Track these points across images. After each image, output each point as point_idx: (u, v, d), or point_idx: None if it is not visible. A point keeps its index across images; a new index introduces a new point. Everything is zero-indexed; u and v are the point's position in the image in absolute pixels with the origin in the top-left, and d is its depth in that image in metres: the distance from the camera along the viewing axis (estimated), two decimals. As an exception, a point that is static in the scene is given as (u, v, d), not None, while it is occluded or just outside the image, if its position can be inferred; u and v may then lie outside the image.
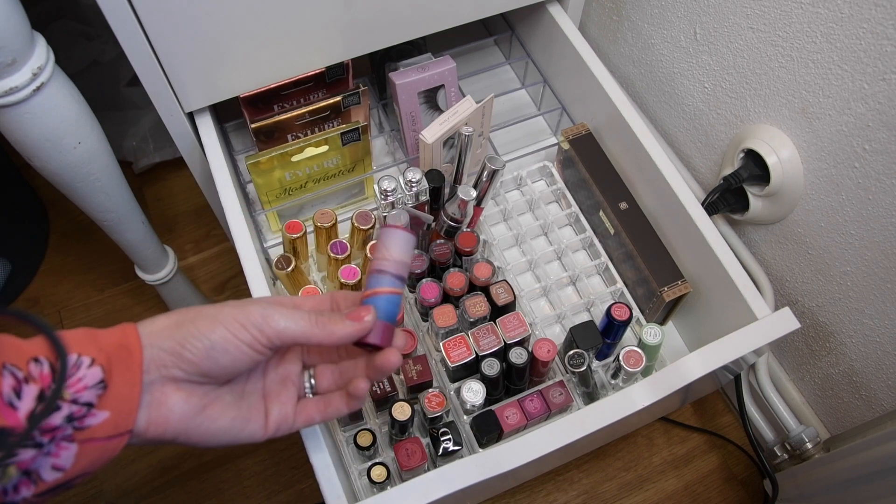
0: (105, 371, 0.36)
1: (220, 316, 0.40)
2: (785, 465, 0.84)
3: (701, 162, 0.83)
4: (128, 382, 0.37)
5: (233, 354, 0.40)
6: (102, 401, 0.36)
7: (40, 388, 0.33)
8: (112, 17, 0.56)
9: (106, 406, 0.36)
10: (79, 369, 0.35)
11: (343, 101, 0.72)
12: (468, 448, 0.62)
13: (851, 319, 0.71)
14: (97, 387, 0.35)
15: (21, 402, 0.33)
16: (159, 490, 0.92)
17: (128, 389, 0.37)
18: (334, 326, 0.42)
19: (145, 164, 1.15)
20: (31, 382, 0.33)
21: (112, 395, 0.36)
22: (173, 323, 0.40)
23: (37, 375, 0.34)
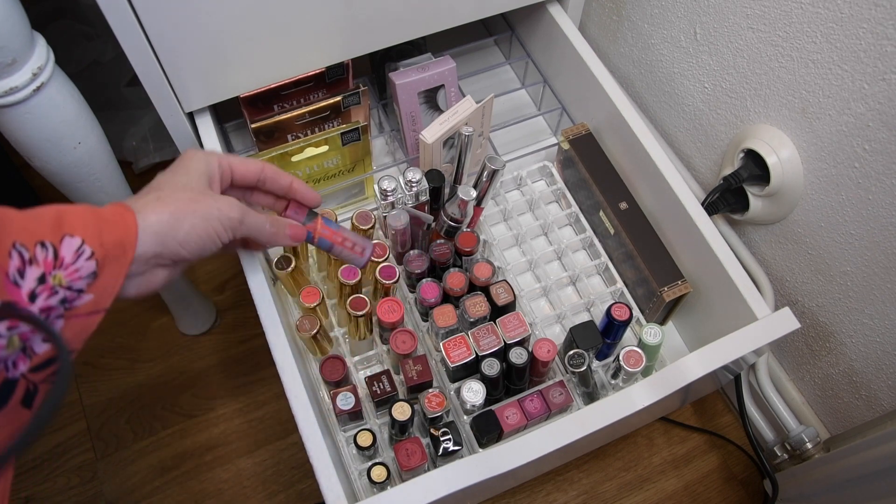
0: (99, 265, 0.40)
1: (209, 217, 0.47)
2: (785, 465, 0.84)
3: (701, 162, 0.83)
4: (115, 275, 0.42)
5: (208, 248, 0.49)
6: (90, 287, 0.40)
7: (42, 272, 0.37)
8: (112, 17, 0.56)
9: (92, 290, 0.41)
10: (78, 258, 0.39)
11: (343, 101, 0.72)
12: (468, 448, 0.62)
13: (851, 319, 0.71)
14: (89, 276, 0.40)
15: (24, 281, 0.36)
16: (159, 490, 0.92)
17: (113, 280, 0.42)
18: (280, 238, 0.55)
19: (145, 164, 1.15)
20: (34, 265, 0.37)
21: (99, 283, 0.41)
22: (168, 223, 0.45)
23: (41, 259, 0.37)
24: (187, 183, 0.49)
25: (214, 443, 0.95)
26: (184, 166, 0.50)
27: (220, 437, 0.95)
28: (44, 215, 0.39)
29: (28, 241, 0.37)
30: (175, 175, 0.49)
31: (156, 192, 0.47)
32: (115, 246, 0.41)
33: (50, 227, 0.38)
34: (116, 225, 0.42)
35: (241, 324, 1.04)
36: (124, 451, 0.94)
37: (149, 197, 0.46)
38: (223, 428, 0.96)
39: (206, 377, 1.00)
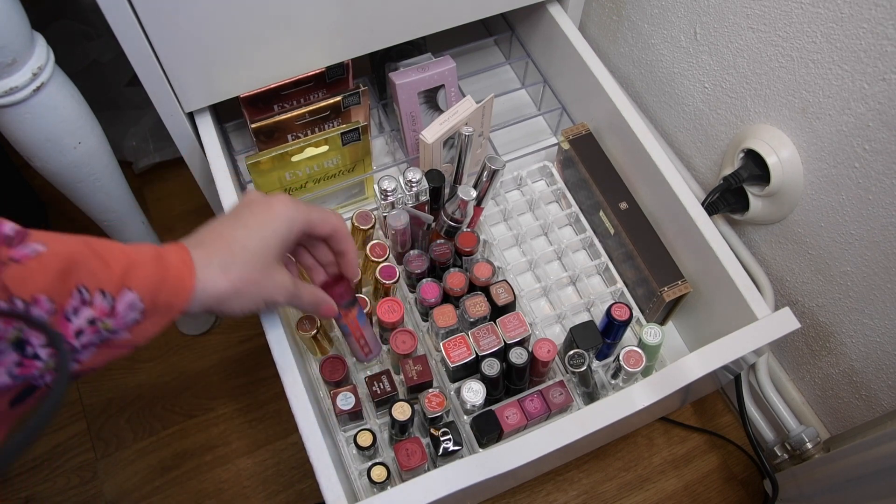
0: (145, 316, 0.42)
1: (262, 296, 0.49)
2: (785, 465, 0.84)
3: (701, 162, 0.83)
4: (156, 325, 0.43)
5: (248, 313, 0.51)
6: (130, 329, 0.42)
7: (95, 316, 0.39)
8: (112, 17, 0.56)
9: (131, 332, 0.42)
10: (130, 310, 0.41)
11: (343, 101, 0.72)
12: (468, 448, 0.62)
13: (851, 319, 0.71)
14: (133, 322, 0.42)
15: (76, 318, 0.38)
16: (159, 490, 0.92)
17: (153, 328, 0.43)
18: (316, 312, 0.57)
19: (145, 164, 1.15)
20: (89, 307, 0.39)
21: (139, 328, 0.42)
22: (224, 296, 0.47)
23: (97, 305, 0.39)
24: (261, 250, 0.48)
25: (214, 443, 0.95)
26: (267, 222, 0.49)
27: (220, 437, 0.95)
28: (115, 262, 0.40)
29: (92, 286, 0.39)
30: (252, 232, 0.48)
31: (226, 253, 0.47)
32: (166, 306, 0.43)
33: (117, 278, 0.40)
34: (175, 289, 0.44)
35: (241, 324, 1.04)
36: (124, 451, 0.94)
37: (216, 260, 0.46)
38: (223, 428, 0.96)
39: (206, 377, 1.00)
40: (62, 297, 0.38)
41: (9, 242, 0.35)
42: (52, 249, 0.37)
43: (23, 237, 0.36)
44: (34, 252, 0.36)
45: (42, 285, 0.36)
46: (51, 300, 0.37)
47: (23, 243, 0.36)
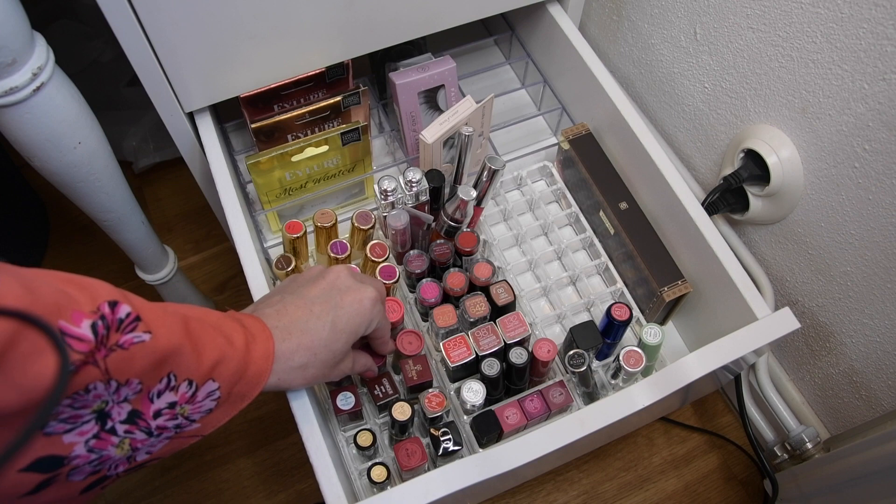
0: (218, 405, 0.43)
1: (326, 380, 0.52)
2: (785, 465, 0.84)
3: (701, 162, 0.83)
4: (226, 413, 0.45)
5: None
6: (202, 419, 0.43)
7: (175, 401, 0.40)
8: (112, 17, 0.56)
9: (201, 421, 0.43)
10: (207, 398, 0.42)
11: (343, 101, 0.72)
12: (468, 448, 0.62)
13: (851, 319, 0.71)
14: (207, 412, 0.43)
15: (158, 400, 0.39)
16: (159, 490, 0.92)
17: (223, 417, 0.44)
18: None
19: (145, 164, 1.15)
20: (173, 392, 0.40)
21: (210, 417, 0.44)
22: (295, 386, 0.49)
23: (181, 392, 0.40)
24: (341, 350, 0.50)
25: (214, 443, 0.95)
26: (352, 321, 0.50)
27: (220, 437, 0.95)
28: (209, 356, 0.41)
29: (182, 375, 0.40)
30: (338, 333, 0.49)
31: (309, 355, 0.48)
32: (239, 396, 0.45)
33: (206, 370, 0.41)
34: (251, 384, 0.45)
35: (241, 324, 1.04)
36: (124, 451, 0.94)
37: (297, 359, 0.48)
38: (223, 428, 0.96)
39: (206, 377, 1.00)
40: (152, 381, 0.39)
41: (120, 327, 0.35)
42: (156, 338, 0.37)
43: (133, 323, 0.36)
44: (139, 340, 0.36)
45: (138, 371, 0.37)
46: (140, 382, 0.38)
47: (133, 331, 0.36)
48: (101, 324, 0.34)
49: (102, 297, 0.35)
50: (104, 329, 0.34)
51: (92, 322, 0.34)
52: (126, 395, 0.37)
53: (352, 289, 0.50)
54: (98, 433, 0.37)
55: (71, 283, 0.35)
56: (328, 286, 0.50)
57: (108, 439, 0.37)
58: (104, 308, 0.34)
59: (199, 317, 0.43)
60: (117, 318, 0.35)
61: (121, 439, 0.38)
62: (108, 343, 0.35)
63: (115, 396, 0.37)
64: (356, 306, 0.50)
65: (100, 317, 0.34)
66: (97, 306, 0.34)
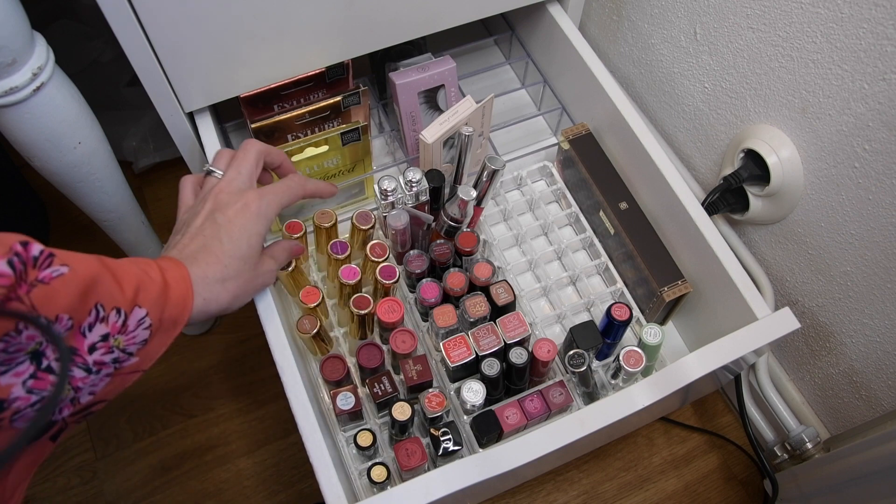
0: (151, 334, 0.45)
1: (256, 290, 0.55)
2: (785, 465, 0.84)
3: (701, 162, 0.83)
4: (161, 344, 0.46)
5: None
6: (139, 351, 0.45)
7: (108, 332, 0.42)
8: (112, 17, 0.56)
9: (138, 354, 0.45)
10: (138, 327, 0.44)
11: (343, 101, 0.72)
12: (468, 448, 0.62)
13: (851, 319, 0.71)
14: (141, 343, 0.44)
15: (90, 334, 0.41)
16: (159, 490, 0.92)
17: (158, 347, 0.46)
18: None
19: (145, 164, 1.15)
20: (103, 323, 0.41)
21: (146, 349, 0.45)
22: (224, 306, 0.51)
23: (111, 322, 0.42)
24: (249, 254, 0.52)
25: (214, 443, 0.95)
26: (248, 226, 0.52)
27: (220, 437, 0.95)
28: (128, 281, 0.43)
29: (108, 304, 0.41)
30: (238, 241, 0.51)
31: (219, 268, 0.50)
32: (170, 322, 0.46)
33: (129, 297, 0.43)
34: (177, 307, 0.46)
35: (241, 324, 1.04)
36: (124, 451, 0.94)
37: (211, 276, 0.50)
38: (223, 428, 0.96)
39: (206, 377, 1.00)
40: (81, 314, 0.40)
41: (36, 264, 0.36)
42: (74, 270, 0.38)
43: (48, 259, 0.37)
44: (58, 273, 0.37)
45: (65, 304, 0.38)
46: (70, 318, 0.39)
47: (49, 265, 0.37)
48: (17, 259, 0.35)
49: (13, 239, 0.36)
50: (20, 265, 0.35)
51: (7, 259, 0.35)
52: (58, 333, 0.38)
53: (231, 202, 0.53)
54: (35, 373, 0.38)
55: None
56: (210, 211, 0.53)
57: (45, 378, 0.38)
58: (17, 247, 0.36)
59: (111, 259, 0.44)
60: (31, 256, 0.36)
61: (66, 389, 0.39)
62: (28, 278, 0.36)
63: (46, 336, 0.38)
64: (243, 213, 0.52)
65: (14, 254, 0.35)
66: (9, 247, 0.35)
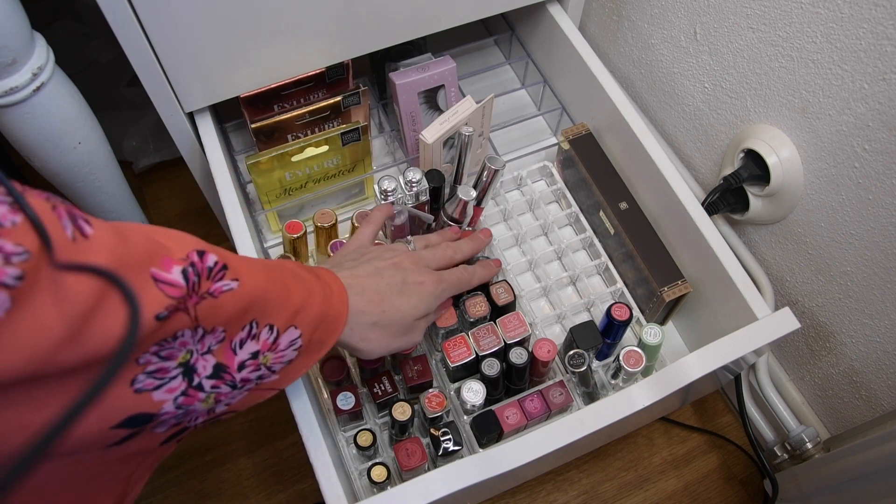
0: (299, 353, 0.44)
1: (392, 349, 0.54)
2: (785, 465, 0.84)
3: (701, 162, 0.83)
4: (303, 365, 0.45)
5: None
6: (282, 370, 0.44)
7: (258, 350, 0.41)
8: (112, 17, 0.56)
9: (280, 372, 0.44)
10: (289, 347, 0.43)
11: (343, 101, 0.72)
12: (468, 448, 0.62)
13: (851, 319, 0.71)
14: (287, 362, 0.43)
15: (241, 351, 0.40)
16: (159, 490, 0.92)
17: (300, 369, 0.45)
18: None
19: (145, 164, 1.15)
20: (255, 340, 0.40)
21: (289, 368, 0.44)
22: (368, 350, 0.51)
23: (262, 339, 0.41)
24: (409, 318, 0.53)
25: (214, 443, 0.95)
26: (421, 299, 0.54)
27: (220, 437, 0.95)
28: (293, 300, 0.42)
29: (263, 321, 0.40)
30: (406, 302, 0.53)
31: (379, 314, 0.51)
32: (318, 343, 0.46)
33: (288, 315, 0.42)
34: (328, 330, 0.46)
35: (241, 324, 1.04)
36: (124, 451, 0.94)
37: (368, 316, 0.50)
38: (223, 428, 0.96)
39: (206, 377, 1.00)
40: (235, 328, 0.39)
41: (210, 275, 0.36)
42: (243, 286, 0.38)
43: (222, 272, 0.36)
44: (228, 288, 0.37)
45: (225, 318, 0.37)
46: (224, 330, 0.38)
47: (222, 279, 0.36)
48: (192, 271, 0.34)
49: (191, 246, 0.35)
50: (195, 276, 0.34)
51: (182, 269, 0.34)
52: (209, 344, 0.38)
53: (415, 272, 0.55)
54: (186, 390, 0.37)
55: (159, 233, 0.35)
56: (395, 265, 0.54)
57: (195, 395, 0.38)
58: (193, 256, 0.35)
59: (278, 265, 0.43)
60: (206, 266, 0.35)
61: (207, 394, 0.39)
62: (200, 291, 0.35)
63: (199, 346, 0.37)
64: (419, 288, 0.54)
65: (190, 264, 0.34)
66: (186, 254, 0.34)
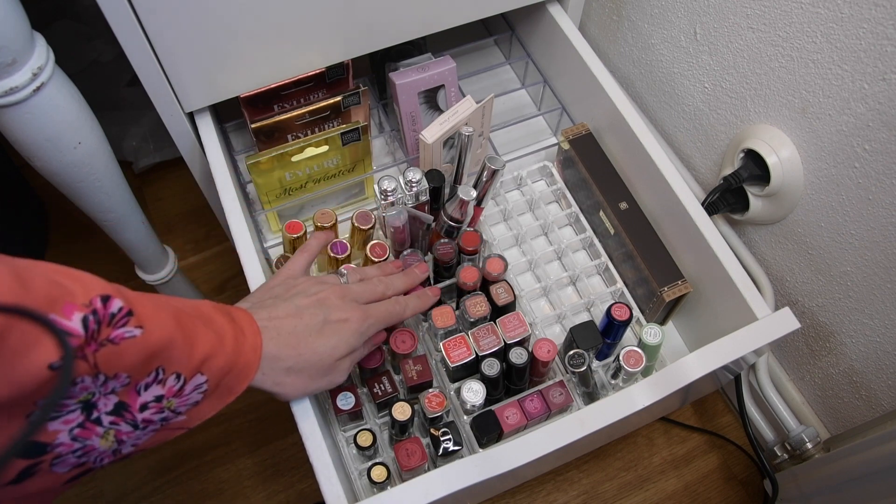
0: (206, 395, 0.43)
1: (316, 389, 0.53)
2: (785, 465, 0.84)
3: (701, 162, 0.83)
4: (212, 407, 0.45)
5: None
6: (188, 412, 0.43)
7: (162, 394, 0.40)
8: (112, 17, 0.56)
9: (187, 413, 0.43)
10: (195, 391, 0.42)
11: (343, 101, 0.72)
12: (468, 448, 0.62)
13: (851, 319, 0.71)
14: (193, 404, 0.43)
15: (145, 393, 0.39)
16: (159, 490, 0.92)
17: (209, 410, 0.45)
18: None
19: (145, 164, 1.15)
20: (160, 385, 0.40)
21: (196, 410, 0.44)
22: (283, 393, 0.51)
23: (168, 385, 0.40)
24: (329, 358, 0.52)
25: (214, 443, 0.95)
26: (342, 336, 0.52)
27: (220, 437, 0.95)
28: (199, 349, 0.41)
29: (170, 368, 0.40)
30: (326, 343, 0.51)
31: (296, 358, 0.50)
32: (226, 389, 0.45)
33: (195, 364, 0.41)
34: (238, 377, 0.45)
35: (241, 324, 1.04)
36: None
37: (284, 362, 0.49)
38: (223, 428, 0.96)
39: (206, 377, 1.00)
40: (140, 375, 0.39)
41: (112, 322, 0.35)
42: (147, 333, 0.37)
43: (125, 318, 0.36)
44: (130, 335, 0.36)
45: (127, 365, 0.37)
46: (129, 376, 0.38)
47: (124, 325, 0.36)
48: (93, 318, 0.34)
49: (96, 291, 0.35)
50: (95, 324, 0.34)
51: (83, 315, 0.33)
52: (113, 387, 0.37)
53: (339, 308, 0.53)
54: (83, 423, 0.37)
55: (63, 275, 0.34)
56: (319, 301, 0.53)
57: (92, 429, 0.37)
58: (96, 302, 0.34)
59: (189, 311, 0.42)
60: (109, 313, 0.35)
61: (105, 430, 0.38)
62: (99, 338, 0.34)
63: (102, 389, 0.37)
64: (343, 326, 0.53)
65: (91, 311, 0.34)
66: (90, 300, 0.34)
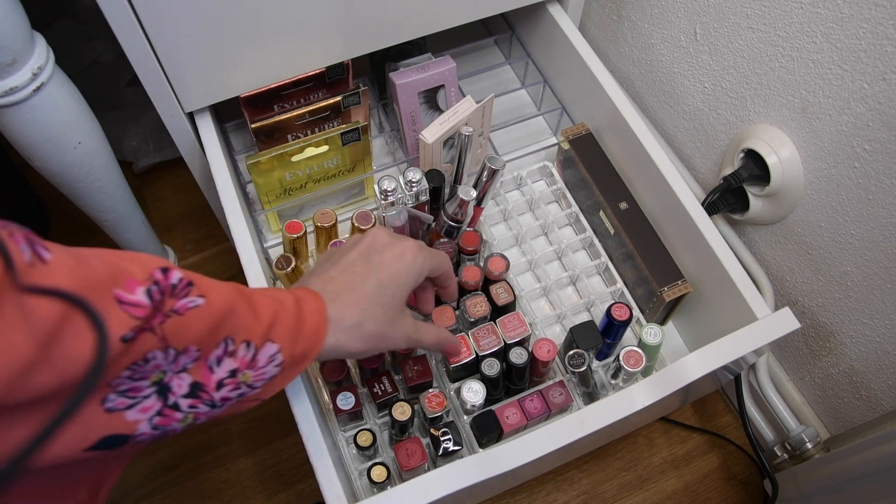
0: (282, 368, 0.43)
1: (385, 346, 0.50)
2: (785, 465, 0.84)
3: (701, 162, 0.83)
4: (286, 378, 0.45)
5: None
6: (264, 385, 0.43)
7: (236, 367, 0.40)
8: (112, 17, 0.56)
9: (263, 388, 0.43)
10: (269, 363, 0.42)
11: (343, 101, 0.72)
12: (468, 448, 0.62)
13: (851, 319, 0.71)
14: (268, 378, 0.43)
15: (218, 369, 0.39)
16: (159, 490, 0.92)
17: (283, 382, 0.45)
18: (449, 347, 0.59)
19: (145, 164, 1.15)
20: (232, 358, 0.40)
21: (271, 383, 0.44)
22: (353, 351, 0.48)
23: (240, 356, 0.40)
24: (392, 303, 0.49)
25: (214, 443, 0.95)
26: (398, 274, 0.50)
27: (220, 437, 0.95)
28: (264, 313, 0.41)
29: (239, 337, 0.40)
30: (384, 286, 0.49)
31: (359, 312, 0.48)
32: (300, 357, 0.45)
33: (262, 330, 0.41)
34: (308, 342, 0.45)
35: (241, 324, 1.04)
36: (124, 451, 0.94)
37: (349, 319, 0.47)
38: (223, 428, 0.96)
39: (206, 377, 1.00)
40: (209, 346, 0.38)
41: (174, 292, 0.35)
42: (210, 301, 0.37)
43: (186, 288, 0.36)
44: (194, 304, 0.36)
45: (196, 336, 0.37)
46: (199, 349, 0.38)
47: (187, 295, 0.36)
48: (156, 289, 0.34)
49: (154, 265, 0.35)
50: (159, 294, 0.34)
51: (146, 288, 0.34)
52: (185, 363, 0.37)
53: (389, 245, 0.51)
54: (161, 409, 0.37)
55: (119, 257, 0.35)
56: (366, 248, 0.51)
57: (171, 416, 0.37)
58: (157, 274, 0.35)
59: (246, 285, 0.43)
60: (170, 284, 0.35)
61: (185, 415, 0.38)
62: (164, 308, 0.35)
63: (173, 366, 0.36)
64: (397, 261, 0.50)
65: (153, 282, 0.34)
66: (149, 273, 0.34)
